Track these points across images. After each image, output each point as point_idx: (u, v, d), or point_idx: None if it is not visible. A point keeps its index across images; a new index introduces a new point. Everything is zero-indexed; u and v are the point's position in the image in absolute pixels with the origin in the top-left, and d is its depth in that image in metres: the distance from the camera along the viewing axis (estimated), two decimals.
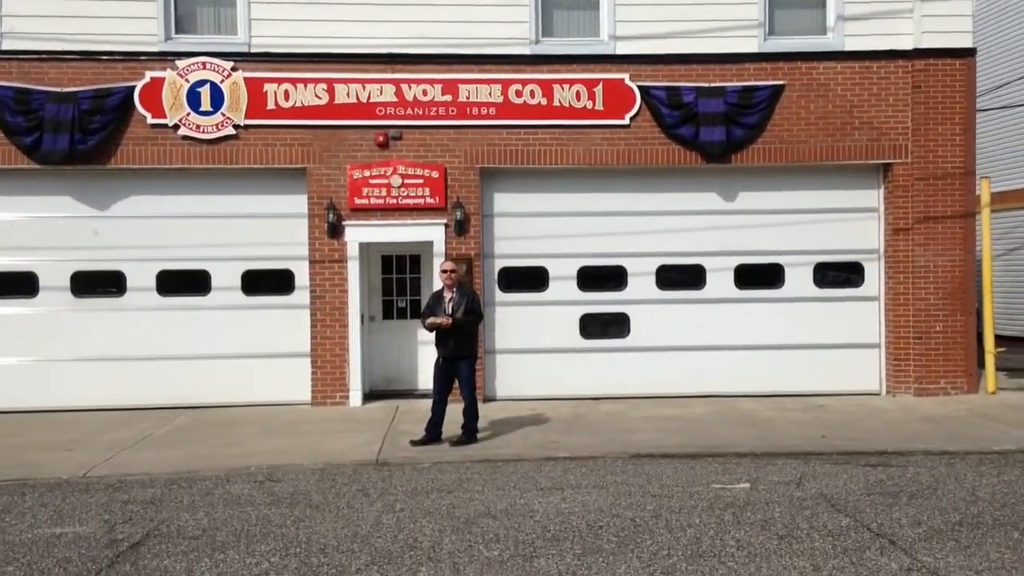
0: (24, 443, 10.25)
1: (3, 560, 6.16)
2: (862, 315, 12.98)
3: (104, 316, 12.38)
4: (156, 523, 6.99)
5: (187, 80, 12.03)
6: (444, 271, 10.11)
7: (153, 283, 12.44)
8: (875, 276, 12.99)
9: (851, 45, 12.64)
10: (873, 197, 13.02)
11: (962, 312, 12.58)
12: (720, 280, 12.92)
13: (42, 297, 12.31)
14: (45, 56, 11.85)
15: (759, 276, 12.96)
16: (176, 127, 12.05)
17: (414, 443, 9.76)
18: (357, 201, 12.28)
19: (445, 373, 9.91)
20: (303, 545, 6.39)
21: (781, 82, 12.55)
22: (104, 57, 11.95)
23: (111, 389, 12.21)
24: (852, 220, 13.00)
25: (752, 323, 12.86)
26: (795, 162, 12.64)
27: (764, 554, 6.05)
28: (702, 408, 11.87)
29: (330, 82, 12.20)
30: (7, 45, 11.84)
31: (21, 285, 12.27)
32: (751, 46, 12.61)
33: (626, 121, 12.48)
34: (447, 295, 9.95)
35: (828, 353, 12.85)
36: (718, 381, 12.74)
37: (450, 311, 9.81)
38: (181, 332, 12.40)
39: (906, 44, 12.60)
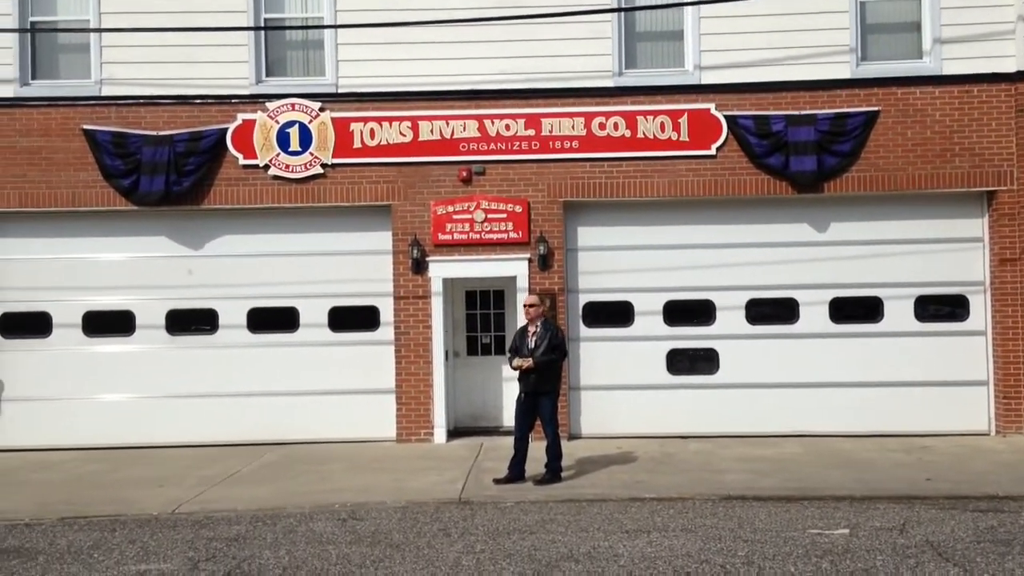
0: (119, 479, 10.49)
1: None
2: (968, 351, 12.32)
3: (197, 353, 12.65)
4: (238, 561, 7.00)
5: (277, 121, 12.30)
6: (526, 305, 10.03)
7: (244, 320, 12.67)
8: (981, 309, 12.33)
9: (949, 69, 12.14)
10: (977, 226, 12.41)
11: None
12: (814, 314, 12.45)
13: (139, 335, 12.66)
14: (142, 100, 12.29)
15: (856, 310, 12.45)
16: (266, 167, 12.32)
17: (497, 481, 9.61)
18: (441, 237, 12.31)
19: (527, 409, 9.76)
20: None
21: (875, 108, 12.12)
22: (198, 100, 12.33)
23: (203, 426, 12.42)
24: (954, 251, 12.39)
25: (849, 359, 12.33)
26: (892, 190, 12.16)
27: None
28: (796, 448, 11.40)
29: (414, 119, 12.31)
30: (106, 91, 12.33)
31: (119, 323, 12.64)
32: (843, 72, 12.23)
33: (712, 152, 12.22)
34: (531, 329, 9.86)
35: (931, 391, 12.21)
36: (813, 420, 12.23)
37: (532, 346, 9.69)
38: (270, 369, 12.57)
39: (1008, 67, 12.04)
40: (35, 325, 12.60)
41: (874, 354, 12.33)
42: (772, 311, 12.53)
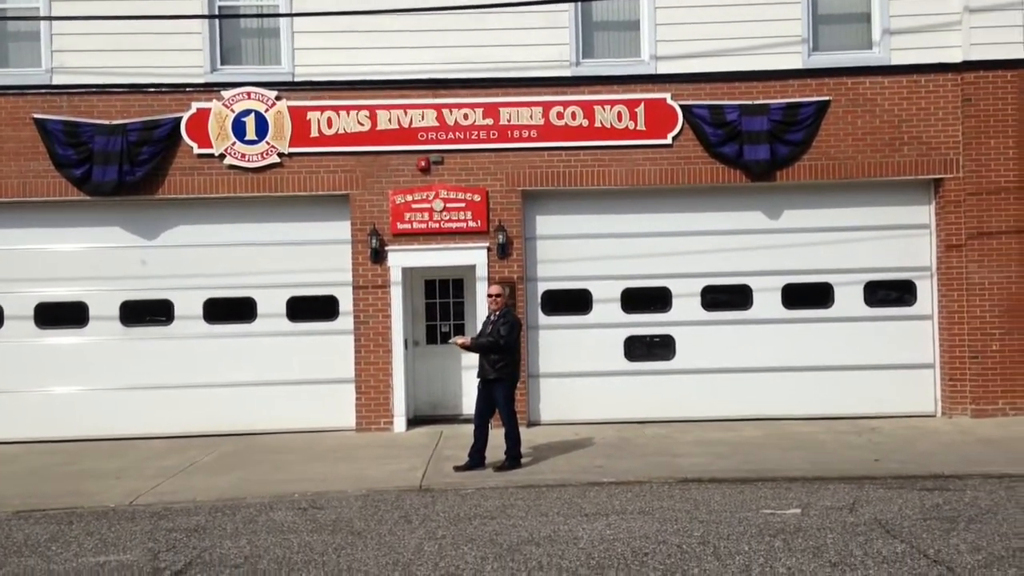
0: (75, 471, 10.38)
1: None
2: (915, 334, 12.65)
3: (152, 345, 12.53)
4: (199, 551, 7.00)
5: (232, 110, 12.20)
6: (487, 296, 10.13)
7: (200, 311, 12.57)
8: (928, 294, 12.66)
9: (898, 59, 12.40)
10: (924, 213, 12.73)
11: (1020, 330, 12.17)
12: (767, 300, 12.69)
13: (92, 327, 12.50)
14: (94, 89, 12.11)
15: (808, 295, 12.71)
16: (222, 156, 12.21)
17: (457, 469, 9.69)
18: (400, 226, 12.32)
19: (483, 396, 9.85)
20: (344, 573, 6.34)
21: (826, 98, 12.35)
22: (151, 89, 12.18)
23: (160, 417, 12.33)
24: (903, 237, 12.70)
25: (801, 344, 12.60)
26: (842, 179, 12.41)
27: None
28: (751, 431, 11.63)
29: (372, 108, 12.29)
30: (57, 79, 12.13)
31: (72, 315, 12.48)
32: (795, 63, 12.45)
33: (668, 141, 12.37)
34: (492, 318, 9.92)
35: (880, 374, 12.53)
36: (767, 403, 12.49)
37: (488, 333, 9.78)
38: (228, 359, 12.50)
39: (955, 57, 12.33)
40: None
41: (825, 339, 12.61)
42: (727, 297, 12.75)
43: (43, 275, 12.41)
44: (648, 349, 12.75)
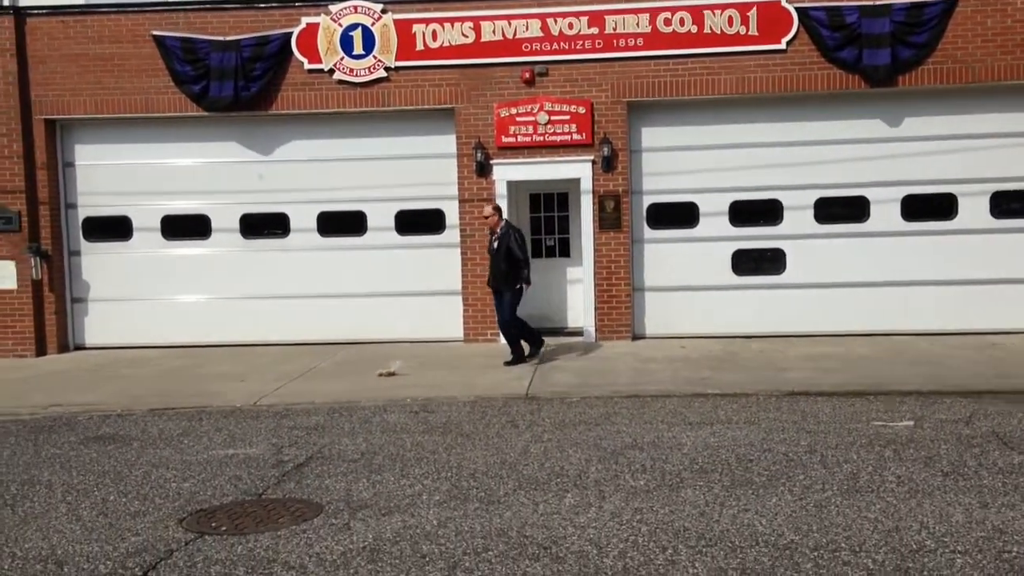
0: (202, 374, 11.00)
1: (181, 477, 6.66)
2: None
3: (270, 256, 13.02)
4: (319, 447, 7.37)
5: (340, 24, 12.31)
6: (483, 217, 11.13)
7: (314, 224, 12.95)
8: None
9: None
10: None
11: None
12: (885, 212, 12.23)
13: (215, 238, 13.05)
14: (208, 6, 12.39)
15: (929, 207, 12.18)
16: (331, 71, 12.38)
17: (507, 364, 10.74)
18: (504, 139, 12.31)
19: (497, 302, 11.09)
20: (454, 470, 6.58)
21: None
22: (262, 4, 12.38)
23: (278, 326, 12.88)
24: None
25: (921, 257, 12.13)
26: (970, 83, 11.72)
27: (927, 490, 5.76)
28: (864, 347, 11.37)
29: (476, 20, 12.20)
30: None
31: (197, 227, 13.05)
32: None
33: (782, 46, 11.90)
34: (494, 237, 10.89)
35: (1006, 288, 11.98)
36: (882, 319, 12.15)
37: (494, 249, 10.84)
38: (340, 271, 12.90)
39: None
40: (116, 229, 13.10)
41: (947, 252, 12.12)
42: (842, 210, 12.33)
43: (167, 188, 12.97)
44: (756, 263, 12.51)
